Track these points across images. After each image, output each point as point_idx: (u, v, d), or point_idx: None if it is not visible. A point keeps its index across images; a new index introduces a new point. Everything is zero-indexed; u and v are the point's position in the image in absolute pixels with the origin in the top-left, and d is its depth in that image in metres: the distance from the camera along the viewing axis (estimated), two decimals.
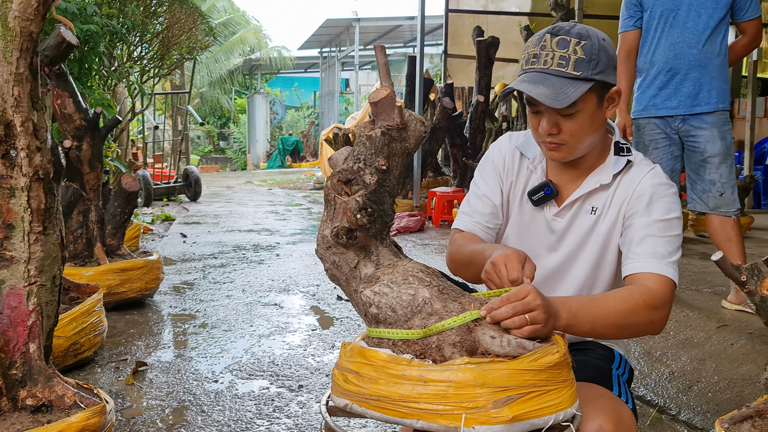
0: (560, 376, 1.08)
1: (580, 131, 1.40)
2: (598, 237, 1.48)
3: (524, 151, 1.57)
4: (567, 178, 1.51)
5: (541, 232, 1.53)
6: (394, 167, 1.13)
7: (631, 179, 1.46)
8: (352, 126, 10.65)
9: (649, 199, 1.42)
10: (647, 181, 1.44)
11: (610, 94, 1.44)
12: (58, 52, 2.02)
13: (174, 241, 5.68)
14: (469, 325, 1.10)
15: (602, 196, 1.48)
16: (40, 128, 1.62)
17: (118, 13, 5.58)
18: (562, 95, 1.34)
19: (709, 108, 3.20)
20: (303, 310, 3.46)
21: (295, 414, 2.15)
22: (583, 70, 1.35)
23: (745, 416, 1.37)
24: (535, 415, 1.04)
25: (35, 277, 1.65)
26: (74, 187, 2.54)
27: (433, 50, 16.95)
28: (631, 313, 1.28)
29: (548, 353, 1.08)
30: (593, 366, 1.43)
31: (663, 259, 1.36)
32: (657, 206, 1.41)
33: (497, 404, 1.02)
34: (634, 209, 1.43)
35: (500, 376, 1.04)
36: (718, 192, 3.20)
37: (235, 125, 24.42)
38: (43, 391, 1.64)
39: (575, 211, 1.49)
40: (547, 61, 1.37)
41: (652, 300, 1.30)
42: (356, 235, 1.12)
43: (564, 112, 1.38)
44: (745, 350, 2.70)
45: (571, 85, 1.35)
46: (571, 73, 1.35)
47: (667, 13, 3.25)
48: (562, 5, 6.38)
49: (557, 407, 1.07)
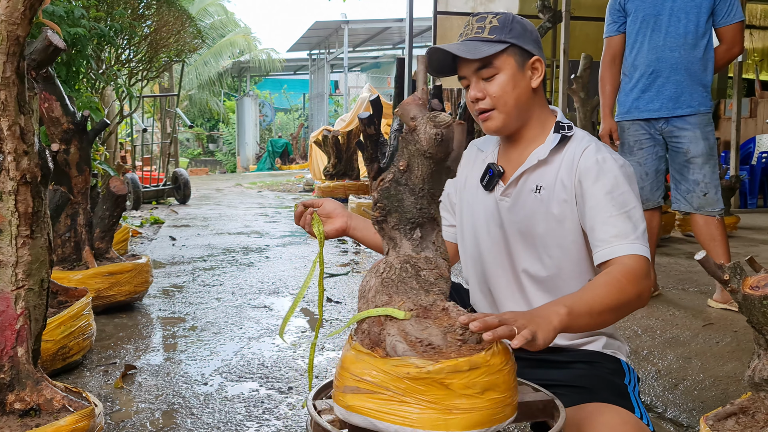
0: (419, 392, 1.06)
1: (503, 92, 1.48)
2: (550, 216, 1.49)
3: (480, 146, 1.67)
4: (511, 161, 1.57)
5: (493, 214, 1.58)
6: (415, 167, 1.19)
7: (573, 155, 1.49)
8: (342, 128, 10.66)
9: (596, 176, 1.43)
10: (589, 157, 1.46)
11: (531, 62, 1.51)
12: (45, 55, 2.01)
13: (163, 244, 5.66)
14: (381, 319, 1.16)
15: (546, 174, 1.51)
16: (27, 132, 1.62)
17: (106, 16, 5.56)
18: (475, 50, 1.46)
19: (691, 111, 3.24)
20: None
21: (284, 416, 2.15)
22: (496, 34, 1.48)
23: (730, 413, 1.39)
24: (374, 416, 1.07)
25: (23, 280, 1.65)
26: (62, 191, 2.54)
27: (422, 52, 16.96)
28: (620, 293, 1.29)
29: (417, 367, 1.06)
30: (609, 384, 1.44)
31: (628, 237, 1.36)
32: (604, 182, 1.42)
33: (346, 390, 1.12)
34: (582, 189, 1.44)
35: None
36: (702, 192, 3.24)
37: (225, 126, 24.35)
38: (32, 394, 1.64)
39: (519, 189, 1.53)
40: (467, 34, 1.51)
41: (632, 275, 1.31)
42: (381, 227, 1.25)
43: (485, 75, 1.48)
44: (730, 348, 2.73)
45: (485, 44, 1.47)
46: (486, 36, 1.48)
47: (650, 18, 3.28)
48: (549, 7, 6.43)
49: (399, 420, 1.06)
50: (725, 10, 3.20)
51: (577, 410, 1.36)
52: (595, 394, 1.39)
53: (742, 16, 3.24)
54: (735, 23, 3.23)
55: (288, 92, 25.65)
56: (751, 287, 1.33)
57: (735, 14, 3.22)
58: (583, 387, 1.43)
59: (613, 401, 1.37)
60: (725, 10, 3.20)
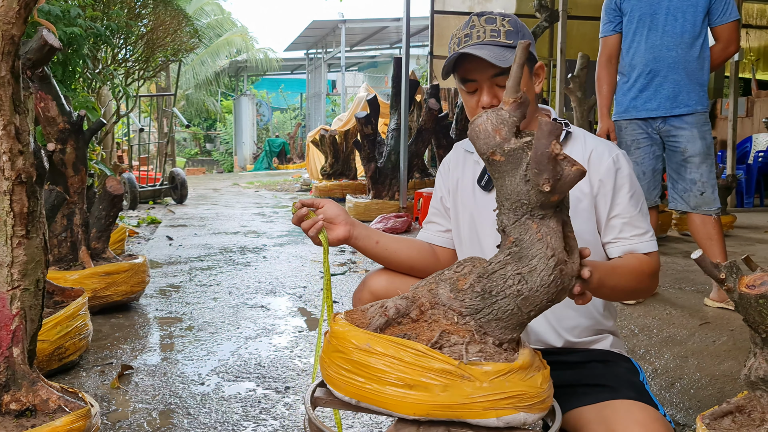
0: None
1: None
2: None
3: (468, 148, 1.66)
4: None
5: (492, 215, 1.56)
6: None
7: (583, 153, 1.52)
8: (339, 128, 10.65)
9: (617, 177, 1.50)
10: (604, 156, 1.51)
11: (536, 67, 1.53)
12: (40, 55, 2.01)
13: (160, 243, 5.66)
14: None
15: None
16: (22, 132, 1.61)
17: (102, 16, 5.55)
18: (503, 58, 1.45)
19: (688, 110, 3.24)
20: (290, 312, 3.46)
21: (281, 415, 2.15)
22: (513, 39, 1.47)
23: (726, 412, 1.39)
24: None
25: (18, 281, 1.64)
26: (57, 191, 2.53)
27: (419, 51, 16.97)
28: (640, 281, 1.44)
29: None
30: (629, 382, 1.47)
31: (646, 234, 1.50)
32: (625, 184, 1.51)
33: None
34: (605, 190, 1.50)
35: None
36: (699, 191, 3.24)
37: (222, 125, 24.31)
38: (27, 395, 1.63)
39: None
40: (480, 36, 1.48)
41: (651, 269, 1.47)
42: None
43: (501, 81, 1.47)
44: (727, 347, 2.73)
45: (507, 51, 1.46)
46: (504, 41, 1.46)
47: (646, 17, 3.27)
48: (546, 6, 6.43)
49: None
50: (721, 9, 3.20)
51: (603, 407, 1.38)
52: (618, 392, 1.41)
53: (737, 15, 3.24)
54: (730, 22, 3.22)
55: (285, 92, 25.62)
56: (747, 286, 1.33)
57: (730, 13, 3.22)
58: (605, 385, 1.44)
59: (638, 398, 1.39)
60: (721, 9, 3.20)
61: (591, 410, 1.38)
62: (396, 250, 1.61)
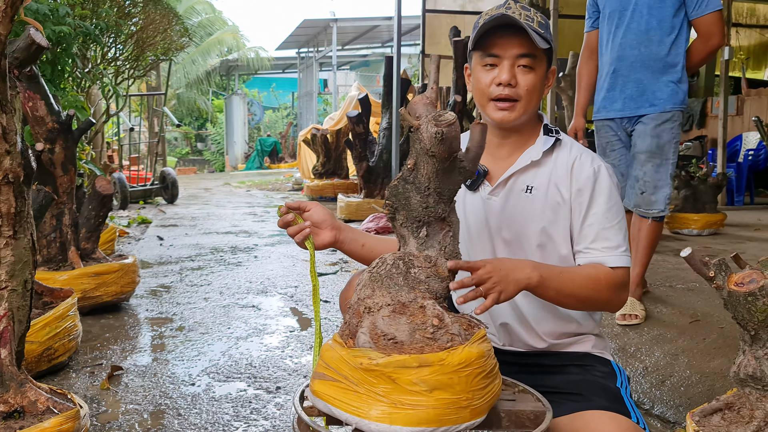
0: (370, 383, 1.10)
1: (534, 89, 1.48)
2: (542, 216, 1.50)
3: None
4: (498, 160, 1.56)
5: (479, 214, 1.57)
6: (421, 166, 1.21)
7: (567, 162, 1.51)
8: (331, 127, 10.64)
9: (594, 188, 1.48)
10: (585, 167, 1.49)
11: (548, 73, 1.53)
12: (28, 54, 1.98)
13: (150, 244, 5.63)
14: (360, 311, 1.22)
15: (536, 175, 1.52)
16: (9, 131, 1.60)
17: (92, 14, 5.51)
18: (540, 38, 1.44)
19: (653, 111, 3.06)
20: (281, 312, 3.45)
21: (272, 416, 2.14)
22: (545, 30, 1.46)
23: (715, 409, 1.40)
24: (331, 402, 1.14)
25: (6, 281, 1.63)
26: (45, 191, 2.51)
27: (411, 50, 16.99)
28: (593, 291, 1.40)
29: None
30: (603, 389, 1.46)
31: (618, 248, 1.46)
32: (602, 195, 1.48)
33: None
34: (581, 200, 1.48)
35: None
36: (639, 190, 3.09)
37: (213, 125, 24.23)
38: (15, 396, 1.62)
39: (509, 189, 1.53)
40: (516, 13, 1.45)
41: (613, 282, 1.43)
42: (393, 224, 1.29)
43: (524, 63, 1.46)
44: (717, 345, 2.74)
45: (539, 36, 1.44)
46: (537, 29, 1.45)
47: (615, 14, 3.12)
48: (537, 5, 6.44)
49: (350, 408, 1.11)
50: (696, 0, 3.00)
51: (574, 419, 1.37)
52: (590, 401, 1.40)
53: (718, 6, 3.01)
54: (709, 13, 3.00)
55: (277, 91, 25.56)
56: (736, 284, 1.33)
57: (708, 4, 2.99)
58: (578, 394, 1.44)
59: (609, 407, 1.38)
60: (696, 1, 2.99)
61: (564, 421, 1.39)
62: (382, 252, 1.60)
